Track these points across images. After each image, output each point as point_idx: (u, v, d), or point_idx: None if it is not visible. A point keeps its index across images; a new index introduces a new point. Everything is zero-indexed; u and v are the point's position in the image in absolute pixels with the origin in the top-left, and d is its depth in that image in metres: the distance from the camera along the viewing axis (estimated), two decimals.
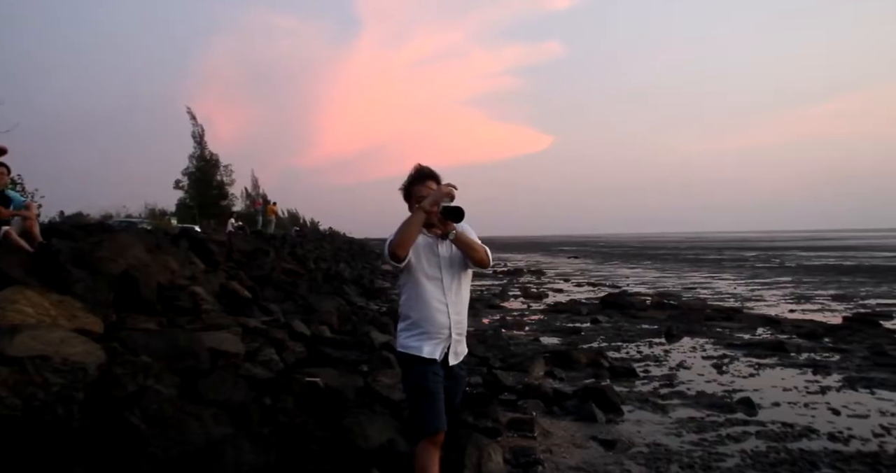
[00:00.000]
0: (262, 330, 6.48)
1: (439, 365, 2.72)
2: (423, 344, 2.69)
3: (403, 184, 2.81)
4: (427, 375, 2.66)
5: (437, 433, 2.65)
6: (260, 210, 32.71)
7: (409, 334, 2.73)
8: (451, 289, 2.74)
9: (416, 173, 2.78)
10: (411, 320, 2.74)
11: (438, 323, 2.70)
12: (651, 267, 30.27)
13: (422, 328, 2.70)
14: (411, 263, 2.69)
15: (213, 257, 10.83)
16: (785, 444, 4.41)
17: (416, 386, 2.70)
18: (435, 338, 2.71)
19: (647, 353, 7.97)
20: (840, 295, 15.39)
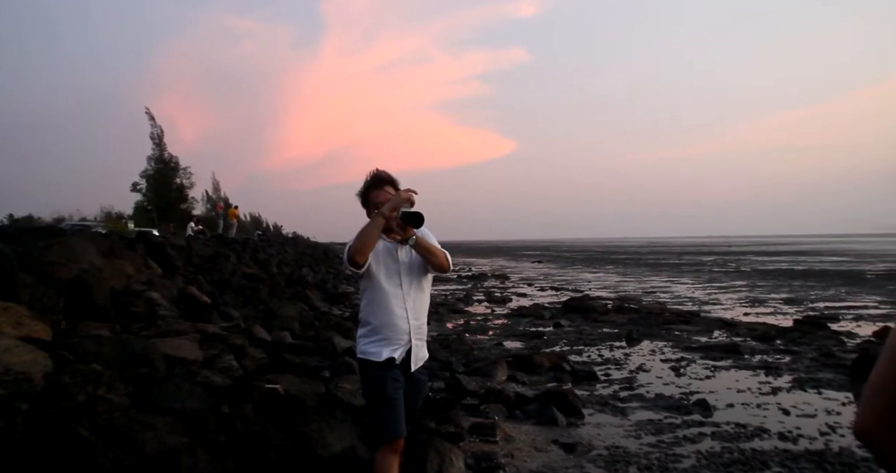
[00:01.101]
0: (221, 336, 6.35)
1: (399, 371, 2.70)
2: (383, 349, 2.68)
3: (360, 189, 2.80)
4: (386, 381, 2.65)
5: (396, 439, 2.64)
6: (221, 213, 32.03)
7: (369, 340, 2.72)
8: (411, 295, 2.74)
9: (373, 178, 2.77)
10: (371, 326, 2.72)
11: (398, 328, 2.69)
12: (613, 271, 30.79)
13: (381, 334, 2.69)
14: (371, 269, 2.67)
15: (172, 262, 10.57)
16: (738, 444, 4.53)
17: (375, 392, 2.68)
18: (394, 344, 2.70)
19: (608, 356, 8.09)
20: (791, 298, 15.93)
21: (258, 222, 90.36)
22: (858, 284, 19.67)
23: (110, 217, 41.49)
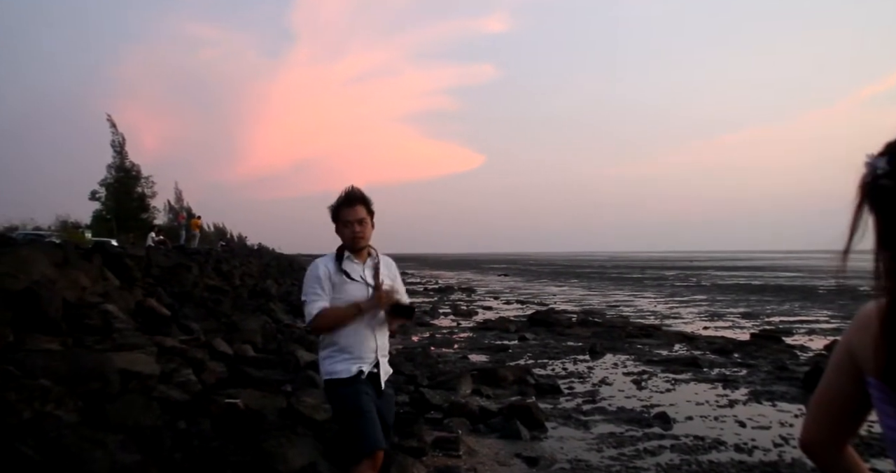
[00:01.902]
0: (180, 349, 6.19)
1: (368, 384, 2.69)
2: (350, 365, 2.67)
3: (333, 204, 2.79)
4: (359, 394, 2.62)
5: (376, 452, 2.58)
6: (183, 224, 31.38)
7: (334, 360, 2.70)
8: (378, 320, 2.77)
9: (347, 196, 2.75)
10: (337, 346, 2.70)
11: (365, 347, 2.71)
12: (578, 285, 31.15)
13: (348, 353, 2.68)
14: (337, 298, 2.69)
15: (130, 273, 10.29)
16: (696, 457, 4.62)
17: (348, 406, 2.63)
18: (361, 361, 2.70)
19: (572, 370, 8.17)
20: (748, 312, 16.36)
21: (222, 233, 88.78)
22: (811, 299, 20.33)
23: (66, 226, 40.23)
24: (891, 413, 0.90)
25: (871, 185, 0.86)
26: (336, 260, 2.74)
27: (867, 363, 0.93)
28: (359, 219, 2.70)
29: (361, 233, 2.71)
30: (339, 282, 2.69)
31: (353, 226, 2.70)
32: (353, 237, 2.71)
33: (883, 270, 0.89)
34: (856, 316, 1.00)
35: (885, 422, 0.92)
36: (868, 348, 0.92)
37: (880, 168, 0.84)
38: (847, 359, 0.98)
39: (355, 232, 2.70)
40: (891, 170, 0.83)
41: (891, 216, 0.85)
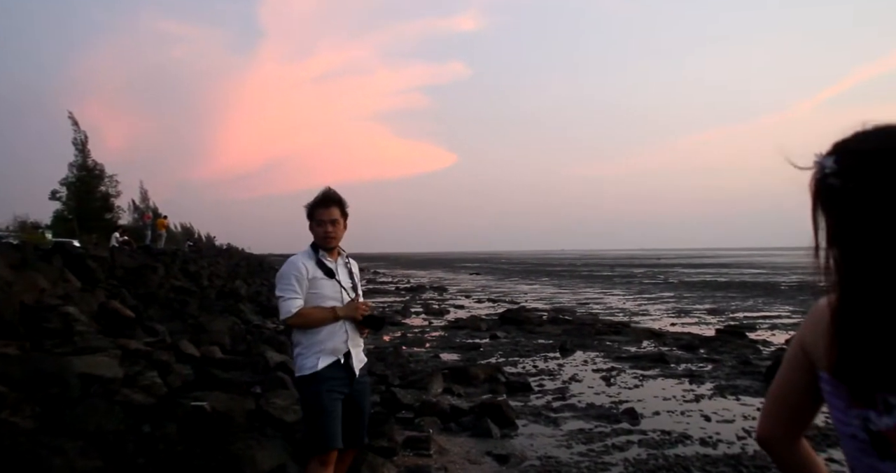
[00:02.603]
0: (144, 352, 6.05)
1: (340, 381, 2.75)
2: (319, 359, 2.74)
3: (309, 203, 2.88)
4: (321, 394, 2.70)
5: (328, 451, 2.66)
6: (149, 224, 30.69)
7: (306, 356, 2.77)
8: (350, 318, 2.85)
9: (323, 197, 2.85)
10: (308, 342, 2.78)
11: (336, 338, 2.78)
12: (549, 283, 31.42)
13: (319, 347, 2.76)
14: (313, 293, 2.79)
15: (93, 274, 10.04)
16: (663, 451, 4.70)
17: (311, 404, 2.74)
18: (332, 353, 2.77)
19: (543, 367, 8.23)
20: (714, 309, 16.72)
21: (190, 233, 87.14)
22: (773, 295, 20.88)
23: (25, 226, 38.99)
24: (840, 406, 0.92)
25: (821, 184, 0.88)
26: (314, 255, 2.84)
27: (819, 358, 0.95)
28: (332, 219, 2.81)
29: (333, 234, 2.83)
30: (315, 279, 2.78)
31: (326, 226, 2.80)
32: (325, 236, 2.82)
33: (833, 266, 0.91)
34: (809, 312, 1.03)
35: (835, 416, 0.94)
36: (819, 343, 0.94)
37: (828, 167, 0.86)
38: (800, 354, 1.00)
39: (327, 231, 2.80)
40: (838, 169, 0.85)
41: (839, 214, 0.87)
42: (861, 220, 0.84)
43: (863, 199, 0.83)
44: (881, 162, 0.83)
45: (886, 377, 0.84)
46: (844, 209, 0.86)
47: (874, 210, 0.83)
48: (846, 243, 0.88)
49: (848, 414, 0.90)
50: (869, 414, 0.87)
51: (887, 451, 0.86)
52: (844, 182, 0.85)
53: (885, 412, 0.85)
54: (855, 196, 0.84)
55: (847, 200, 0.85)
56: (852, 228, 0.86)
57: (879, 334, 0.84)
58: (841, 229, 0.88)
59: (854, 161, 0.85)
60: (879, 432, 0.86)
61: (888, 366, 0.83)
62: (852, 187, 0.84)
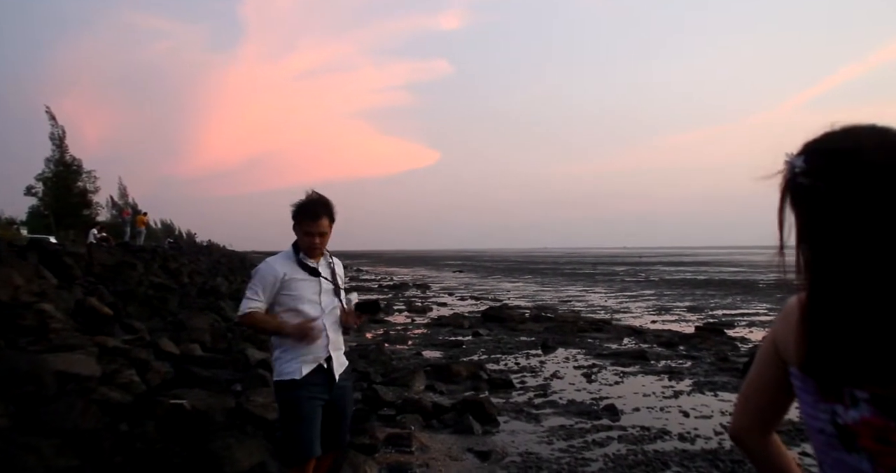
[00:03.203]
0: (123, 349, 5.98)
1: (320, 387, 2.70)
2: (300, 366, 2.68)
3: (296, 208, 2.70)
4: (301, 400, 2.64)
5: (307, 461, 2.63)
6: (128, 220, 30.22)
7: (285, 360, 2.70)
8: (329, 313, 2.78)
9: (312, 209, 2.67)
10: (287, 346, 2.70)
11: (317, 344, 2.71)
12: (532, 281, 31.56)
13: (299, 352, 2.68)
14: (288, 295, 2.70)
15: (69, 271, 9.88)
16: (642, 446, 4.75)
17: (289, 411, 2.68)
18: (312, 359, 2.71)
19: (524, 364, 8.28)
20: (694, 306, 16.93)
21: (170, 229, 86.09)
22: (752, 293, 21.19)
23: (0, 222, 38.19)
24: (810, 401, 0.94)
25: (791, 183, 0.90)
26: (294, 256, 2.74)
27: (789, 354, 0.97)
28: (321, 232, 2.69)
29: (320, 245, 2.72)
30: (292, 280, 2.68)
31: (314, 238, 2.68)
32: (311, 247, 2.71)
33: (803, 264, 0.93)
34: (782, 310, 1.05)
35: (805, 410, 0.96)
36: (790, 339, 0.96)
37: (798, 167, 0.88)
38: (772, 351, 1.02)
39: (315, 243, 2.69)
40: (808, 169, 0.87)
41: (808, 213, 0.89)
42: (831, 218, 0.86)
43: (832, 197, 0.85)
44: (849, 160, 0.84)
45: (853, 371, 0.86)
46: (814, 207, 0.87)
47: (843, 207, 0.84)
48: (816, 241, 0.89)
49: (817, 409, 0.92)
50: (836, 409, 0.89)
51: (853, 444, 0.88)
52: (814, 180, 0.86)
53: (851, 406, 0.87)
54: (824, 194, 0.85)
55: (817, 198, 0.86)
56: (822, 226, 0.87)
57: (847, 330, 0.86)
58: (811, 227, 0.89)
59: (823, 160, 0.86)
60: (846, 426, 0.88)
61: (855, 361, 0.85)
62: (822, 186, 0.85)
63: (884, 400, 0.84)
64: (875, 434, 0.86)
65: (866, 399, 0.86)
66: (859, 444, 0.87)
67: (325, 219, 2.69)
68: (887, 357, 0.83)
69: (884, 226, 0.82)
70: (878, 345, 0.83)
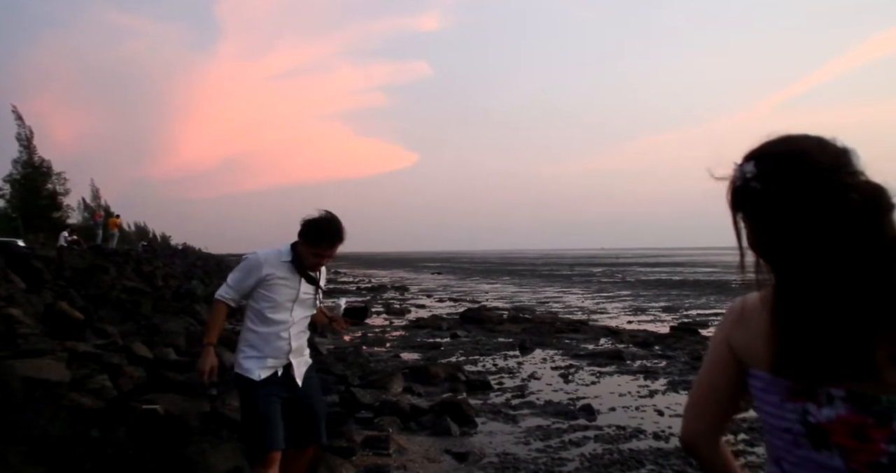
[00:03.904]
0: (94, 354, 5.87)
1: (277, 386, 2.72)
2: (260, 369, 2.70)
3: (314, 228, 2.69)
4: (258, 398, 2.67)
5: (269, 452, 2.64)
6: (100, 222, 29.64)
7: (246, 355, 2.74)
8: (297, 323, 2.80)
9: (336, 235, 2.71)
10: (249, 342, 2.75)
11: (279, 350, 2.73)
12: (509, 282, 31.70)
13: (258, 351, 2.71)
14: (267, 294, 2.71)
15: (39, 275, 9.67)
16: (618, 446, 4.81)
17: (247, 409, 2.72)
18: (272, 364, 2.73)
19: (502, 366, 8.31)
20: (669, 306, 17.18)
21: (144, 232, 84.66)
22: (725, 292, 21.57)
23: None
24: (774, 401, 0.95)
25: (742, 189, 0.93)
26: (290, 257, 2.74)
27: (753, 356, 0.98)
28: (332, 254, 2.76)
29: (323, 264, 2.81)
30: (274, 278, 2.69)
31: (323, 259, 2.75)
32: (316, 266, 2.77)
33: (764, 266, 0.95)
34: (729, 311, 1.06)
35: (767, 411, 0.97)
36: (754, 342, 0.97)
37: (749, 172, 0.91)
38: (726, 354, 1.03)
39: (321, 263, 2.77)
40: (759, 173, 0.90)
41: (763, 215, 0.92)
42: (786, 219, 0.89)
43: (785, 199, 0.88)
44: (798, 163, 0.89)
45: (828, 369, 0.87)
46: (769, 210, 0.90)
47: (797, 208, 0.88)
48: (775, 242, 0.92)
49: (783, 409, 0.93)
50: (808, 407, 0.90)
51: (824, 442, 0.90)
52: (767, 184, 0.89)
53: (826, 404, 0.89)
54: (778, 196, 0.89)
55: (771, 201, 0.90)
56: (779, 227, 0.90)
57: (819, 328, 0.88)
58: (767, 229, 0.92)
59: (773, 164, 0.90)
60: (819, 424, 0.90)
61: (830, 358, 0.87)
62: (775, 188, 0.89)
63: (860, 397, 0.86)
64: (852, 430, 0.87)
65: (842, 397, 0.88)
66: (832, 441, 0.89)
67: (339, 243, 2.76)
68: (859, 351, 0.85)
69: (834, 224, 0.86)
70: (850, 341, 0.86)
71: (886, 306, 0.85)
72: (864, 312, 0.85)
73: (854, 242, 0.85)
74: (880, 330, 0.85)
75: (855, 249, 0.85)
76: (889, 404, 0.85)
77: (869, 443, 0.87)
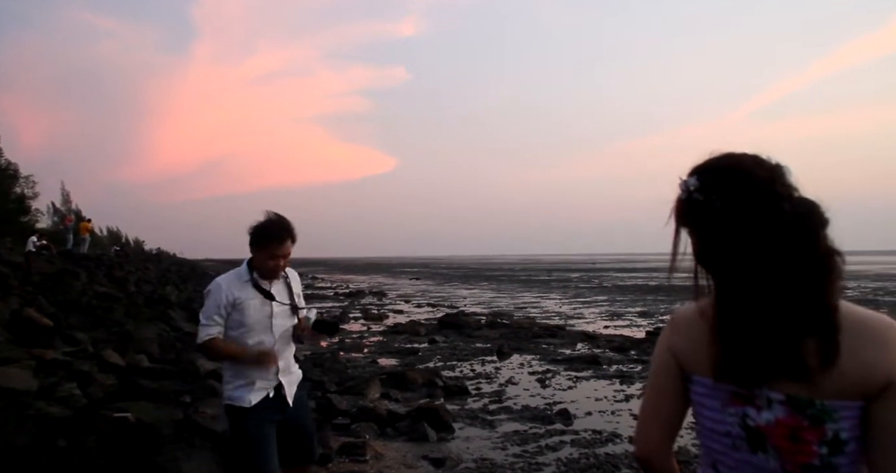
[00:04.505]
0: (63, 362, 5.75)
1: (270, 410, 2.64)
2: (249, 394, 2.61)
3: (259, 232, 2.60)
4: (248, 425, 2.59)
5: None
6: (71, 227, 29.02)
7: (235, 384, 2.63)
8: (280, 341, 2.70)
9: (279, 232, 2.60)
10: (236, 370, 2.64)
11: (265, 370, 2.64)
12: (488, 287, 31.77)
13: (248, 376, 2.62)
14: (240, 319, 2.61)
15: (5, 280, 9.43)
16: (594, 450, 4.84)
17: (240, 438, 2.63)
18: (261, 387, 2.64)
19: (480, 371, 8.32)
20: (645, 311, 17.37)
21: (117, 237, 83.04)
22: None
23: None
24: (716, 407, 0.99)
25: (686, 201, 0.98)
26: (248, 276, 2.63)
27: (696, 363, 1.01)
28: (285, 254, 2.62)
29: (283, 267, 2.66)
30: (240, 301, 2.59)
31: (279, 260, 2.61)
32: (274, 270, 2.63)
33: (705, 274, 1.00)
34: (671, 321, 1.10)
35: (708, 416, 1.01)
36: (696, 349, 1.00)
37: (692, 185, 0.97)
38: (671, 363, 1.06)
39: (279, 266, 2.62)
40: (701, 186, 0.96)
41: (706, 226, 0.97)
42: (724, 228, 0.94)
43: (724, 209, 0.94)
44: (738, 177, 0.94)
45: (766, 371, 0.92)
46: (709, 220, 0.95)
47: (734, 218, 0.93)
48: (714, 251, 0.96)
49: (724, 413, 0.97)
50: (748, 411, 0.95)
51: (761, 445, 0.94)
52: (709, 195, 0.95)
53: (765, 407, 0.93)
54: (717, 207, 0.94)
55: (710, 211, 0.95)
56: (719, 236, 0.95)
57: (758, 333, 0.92)
58: (708, 239, 0.97)
59: (715, 177, 0.96)
60: (757, 427, 0.94)
61: (768, 362, 0.91)
62: (717, 199, 0.94)
63: (797, 401, 0.91)
64: (788, 433, 0.92)
65: (781, 401, 0.92)
66: (770, 444, 0.93)
67: (290, 240, 2.64)
68: (791, 354, 0.90)
69: (769, 234, 0.91)
70: (782, 344, 0.90)
71: (812, 314, 0.90)
72: (793, 318, 0.90)
73: (787, 252, 0.90)
74: (807, 336, 0.89)
75: (788, 259, 0.90)
76: (822, 407, 0.90)
77: (803, 445, 0.91)
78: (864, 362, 0.88)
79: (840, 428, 0.89)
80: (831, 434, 0.89)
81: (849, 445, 0.90)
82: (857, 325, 0.90)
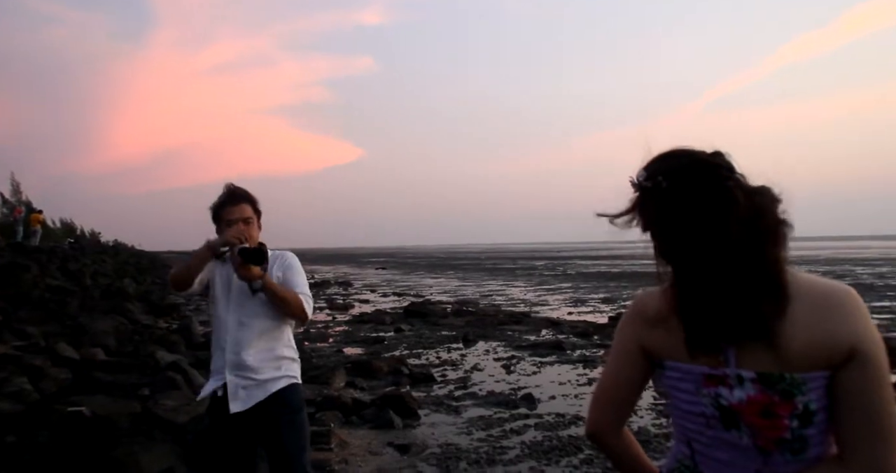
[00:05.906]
0: (13, 356, 5.55)
1: (218, 411, 2.36)
2: (208, 382, 2.41)
3: (214, 203, 2.45)
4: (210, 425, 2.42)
5: None
6: (20, 219, 27.92)
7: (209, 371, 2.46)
8: (235, 326, 2.36)
9: (229, 193, 2.43)
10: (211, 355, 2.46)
11: (217, 360, 2.39)
12: (454, 276, 31.86)
13: (212, 363, 2.42)
14: (212, 294, 2.42)
15: None
16: (557, 433, 4.92)
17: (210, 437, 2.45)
18: (215, 378, 2.39)
19: (446, 358, 8.35)
20: (608, 297, 17.69)
21: (71, 229, 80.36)
22: None
23: None
24: (690, 389, 1.03)
25: (640, 194, 1.03)
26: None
27: (667, 348, 1.05)
28: (245, 217, 2.40)
29: (248, 234, 2.36)
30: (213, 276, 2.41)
31: (239, 225, 2.37)
32: (236, 234, 2.34)
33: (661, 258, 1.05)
34: (634, 307, 1.14)
35: (683, 399, 1.05)
36: (669, 337, 1.04)
37: (641, 175, 1.03)
38: (634, 350, 1.11)
39: (240, 230, 2.35)
40: (648, 174, 1.02)
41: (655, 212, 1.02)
42: (675, 211, 0.99)
43: (673, 193, 0.99)
44: (677, 157, 1.02)
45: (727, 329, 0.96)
46: (660, 204, 1.00)
47: (684, 199, 0.98)
48: (668, 234, 1.01)
49: (698, 394, 1.01)
50: (720, 391, 0.99)
51: (734, 422, 0.98)
52: (654, 179, 1.01)
53: (737, 385, 0.97)
54: (665, 187, 1.00)
55: (661, 196, 1.00)
56: (671, 219, 1.00)
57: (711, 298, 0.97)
58: (661, 223, 1.02)
59: (658, 163, 1.03)
60: (730, 406, 0.98)
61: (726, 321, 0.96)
62: (663, 181, 1.00)
63: (767, 377, 0.95)
64: (760, 409, 0.95)
65: (752, 378, 0.96)
66: (742, 421, 0.97)
67: (247, 204, 2.44)
68: (749, 314, 0.94)
69: (714, 210, 0.96)
70: (738, 306, 0.95)
71: (762, 276, 0.95)
72: (746, 281, 0.95)
73: (734, 227, 0.95)
74: (762, 297, 0.94)
75: (737, 233, 0.95)
76: (791, 381, 0.93)
77: (775, 420, 0.95)
78: (827, 331, 0.92)
79: (809, 400, 0.93)
80: (801, 406, 0.93)
81: (817, 415, 0.94)
82: (818, 295, 0.95)
